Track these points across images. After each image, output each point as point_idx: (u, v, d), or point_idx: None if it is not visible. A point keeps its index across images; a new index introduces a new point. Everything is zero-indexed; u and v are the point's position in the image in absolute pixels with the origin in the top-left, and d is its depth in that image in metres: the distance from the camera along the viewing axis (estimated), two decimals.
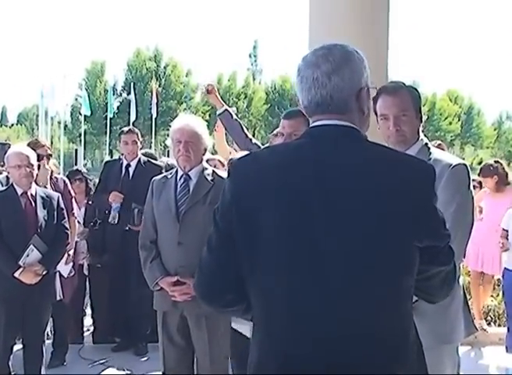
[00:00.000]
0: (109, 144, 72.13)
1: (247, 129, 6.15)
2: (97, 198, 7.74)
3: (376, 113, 3.80)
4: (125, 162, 7.64)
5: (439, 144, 6.67)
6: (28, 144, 6.57)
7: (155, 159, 8.12)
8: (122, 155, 7.78)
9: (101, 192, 7.62)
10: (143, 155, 7.83)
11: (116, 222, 7.29)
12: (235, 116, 5.85)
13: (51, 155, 7.19)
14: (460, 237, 3.53)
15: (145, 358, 7.13)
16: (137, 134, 7.74)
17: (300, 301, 2.21)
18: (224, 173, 5.21)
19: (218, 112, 5.93)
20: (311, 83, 2.36)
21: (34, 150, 6.04)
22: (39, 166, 6.08)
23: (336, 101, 2.35)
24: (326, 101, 2.36)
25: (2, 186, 6.46)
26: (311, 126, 2.41)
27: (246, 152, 5.50)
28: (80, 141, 69.36)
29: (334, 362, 2.19)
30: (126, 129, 7.92)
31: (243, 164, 2.41)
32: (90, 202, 7.86)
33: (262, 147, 5.73)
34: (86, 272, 7.78)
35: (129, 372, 6.60)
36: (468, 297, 8.48)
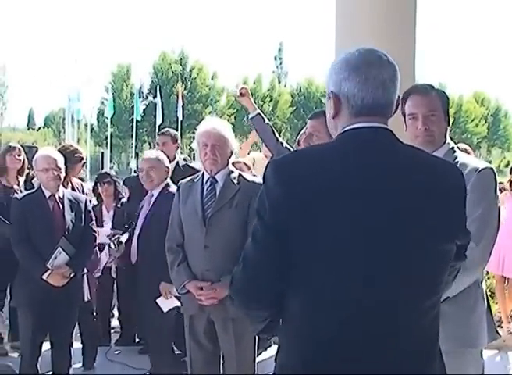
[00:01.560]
0: (135, 147, 72.38)
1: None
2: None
3: (404, 115, 3.81)
4: None
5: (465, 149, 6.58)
6: (59, 150, 6.61)
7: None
8: None
9: None
10: None
11: None
12: (266, 120, 5.82)
13: (82, 159, 7.20)
14: (486, 241, 3.53)
15: None
16: (171, 136, 7.70)
17: (345, 295, 2.21)
18: (250, 176, 5.22)
19: (250, 116, 5.88)
20: (379, 83, 2.34)
21: (64, 155, 6.06)
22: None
23: (390, 105, 2.38)
24: (386, 104, 2.36)
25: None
26: (358, 126, 2.35)
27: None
28: (107, 144, 69.57)
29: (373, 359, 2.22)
30: (162, 131, 7.97)
31: (287, 162, 2.35)
32: (118, 206, 7.82)
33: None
34: (114, 274, 7.79)
35: None
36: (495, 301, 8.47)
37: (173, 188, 5.80)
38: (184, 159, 8.05)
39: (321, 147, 2.49)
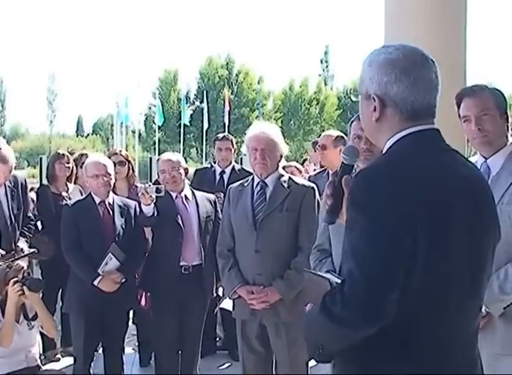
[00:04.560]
0: (183, 152, 72.62)
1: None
2: None
3: (460, 117, 3.79)
4: (218, 169, 7.59)
5: None
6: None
7: None
8: (215, 162, 7.79)
9: None
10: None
11: None
12: None
13: (125, 162, 7.10)
14: None
15: (225, 366, 7.10)
16: (232, 141, 7.72)
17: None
18: (300, 179, 5.20)
19: None
20: (428, 84, 2.29)
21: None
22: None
23: (436, 105, 2.34)
24: (434, 104, 2.32)
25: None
26: (420, 129, 2.29)
27: None
28: (155, 149, 69.96)
29: None
30: (220, 135, 7.96)
31: (389, 170, 2.19)
32: None
33: None
34: None
35: None
36: None
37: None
38: (236, 161, 8.06)
39: (413, 154, 2.26)
